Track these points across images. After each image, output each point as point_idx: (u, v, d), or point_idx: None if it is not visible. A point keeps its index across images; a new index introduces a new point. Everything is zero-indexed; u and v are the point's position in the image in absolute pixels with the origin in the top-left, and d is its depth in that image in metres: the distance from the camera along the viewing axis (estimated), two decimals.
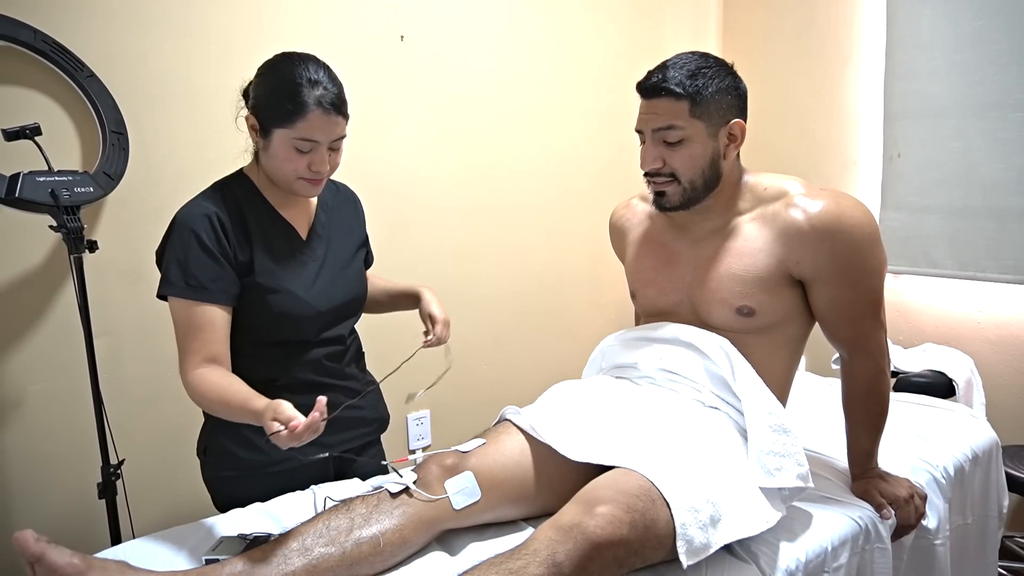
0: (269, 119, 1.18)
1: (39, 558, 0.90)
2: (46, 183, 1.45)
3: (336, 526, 1.05)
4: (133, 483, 1.58)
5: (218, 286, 1.19)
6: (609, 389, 1.33)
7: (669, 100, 1.20)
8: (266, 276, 1.23)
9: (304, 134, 1.16)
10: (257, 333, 1.26)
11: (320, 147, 1.18)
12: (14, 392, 1.62)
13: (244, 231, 1.23)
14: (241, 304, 1.24)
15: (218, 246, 1.19)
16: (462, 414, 2.34)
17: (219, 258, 1.19)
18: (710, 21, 2.91)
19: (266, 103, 1.18)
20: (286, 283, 1.25)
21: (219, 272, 1.19)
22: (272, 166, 1.22)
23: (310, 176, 1.20)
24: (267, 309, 1.23)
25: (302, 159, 1.18)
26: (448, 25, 2.21)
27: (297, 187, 1.22)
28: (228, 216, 1.22)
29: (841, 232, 1.19)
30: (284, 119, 1.16)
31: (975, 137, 2.15)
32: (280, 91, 1.16)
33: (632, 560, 0.98)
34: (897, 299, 2.41)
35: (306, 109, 1.15)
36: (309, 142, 1.17)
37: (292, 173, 1.20)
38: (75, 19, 1.61)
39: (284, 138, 1.17)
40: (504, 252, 2.43)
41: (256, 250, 1.23)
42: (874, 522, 1.22)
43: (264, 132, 1.19)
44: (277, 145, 1.18)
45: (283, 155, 1.18)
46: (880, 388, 1.28)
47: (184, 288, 1.18)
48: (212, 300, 1.18)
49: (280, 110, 1.16)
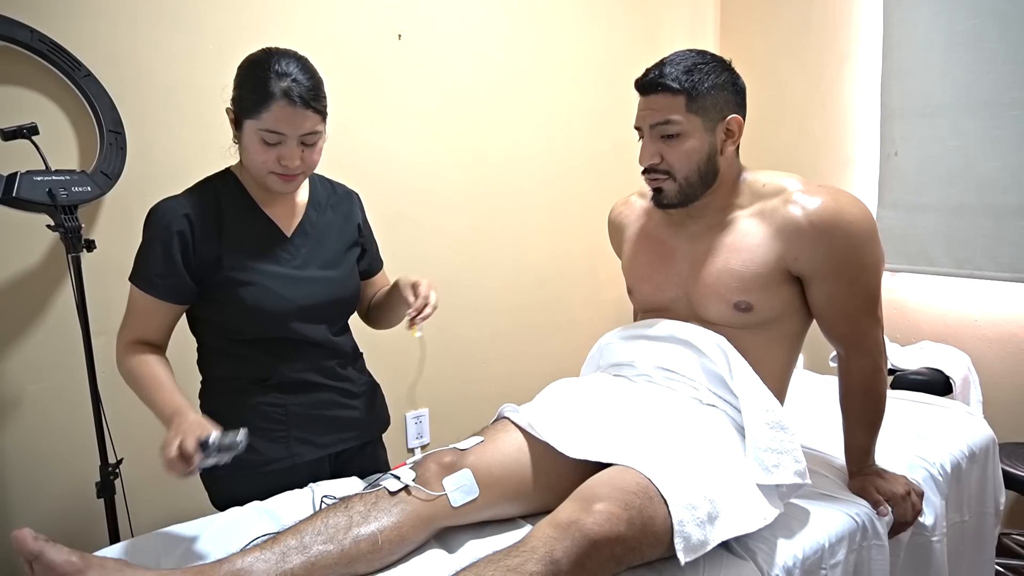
0: (241, 111, 1.19)
1: (37, 556, 0.90)
2: (44, 183, 1.45)
3: (335, 524, 1.05)
4: (131, 482, 1.58)
5: (165, 282, 1.22)
6: (607, 387, 1.33)
7: (666, 95, 1.21)
8: (237, 270, 1.24)
9: (269, 125, 1.16)
10: (238, 330, 1.27)
11: (288, 140, 1.18)
12: (13, 391, 1.62)
13: (217, 228, 1.24)
14: (215, 300, 1.25)
15: (180, 246, 1.21)
16: (460, 412, 2.34)
17: (176, 257, 1.21)
18: (708, 20, 2.92)
19: (238, 95, 1.20)
20: (260, 277, 1.25)
21: (171, 271, 1.21)
22: (246, 160, 1.23)
23: (280, 171, 1.20)
24: (241, 302, 1.24)
25: (270, 152, 1.18)
26: (446, 24, 2.21)
27: (270, 182, 1.22)
28: (202, 214, 1.23)
29: (839, 229, 1.19)
30: (251, 110, 1.16)
31: (971, 135, 2.16)
32: (249, 82, 1.18)
33: (630, 557, 0.98)
34: (894, 297, 2.42)
35: (271, 100, 1.14)
36: (275, 134, 1.17)
37: (262, 167, 1.20)
38: (72, 19, 1.61)
39: (252, 129, 1.18)
40: (502, 250, 2.44)
41: (227, 246, 1.24)
42: (871, 519, 1.22)
43: (237, 124, 1.21)
44: (247, 137, 1.19)
45: (252, 147, 1.19)
46: (877, 385, 1.29)
47: (138, 276, 1.24)
48: (157, 294, 1.23)
49: (248, 101, 1.17)
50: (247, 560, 0.99)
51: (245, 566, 0.98)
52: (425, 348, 2.27)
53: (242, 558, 0.99)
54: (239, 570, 0.98)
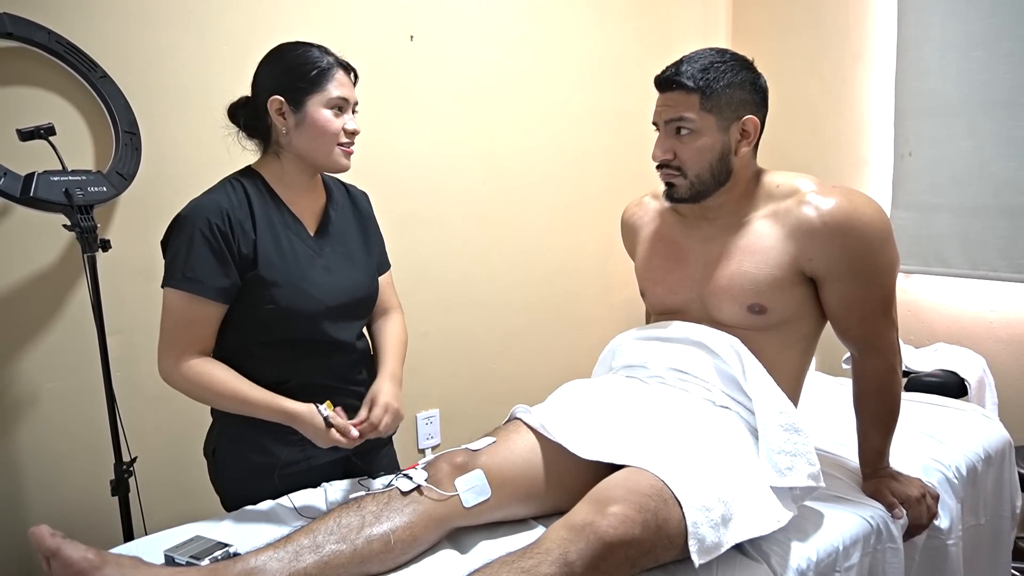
0: (298, 92, 1.22)
1: (55, 552, 0.91)
2: (60, 183, 1.47)
3: (347, 523, 1.05)
4: (145, 480, 1.59)
5: (214, 282, 1.20)
6: (620, 388, 1.32)
7: (681, 93, 1.22)
8: (269, 270, 1.24)
9: (337, 92, 1.23)
10: (264, 332, 1.26)
11: (348, 107, 1.26)
12: (29, 389, 1.63)
13: (251, 225, 1.24)
14: (245, 300, 1.24)
15: (223, 242, 1.20)
16: (471, 413, 2.34)
17: (222, 254, 1.20)
18: (719, 19, 2.91)
19: (289, 80, 1.23)
20: (290, 277, 1.25)
21: (218, 268, 1.20)
22: (309, 140, 1.24)
23: (347, 140, 1.26)
24: (272, 303, 1.23)
25: (338, 121, 1.24)
26: (457, 25, 2.22)
27: (336, 157, 1.26)
28: (237, 210, 1.23)
29: (853, 229, 1.18)
30: (314, 85, 1.22)
31: (987, 135, 2.14)
32: (299, 65, 1.23)
33: (644, 560, 0.98)
34: (909, 298, 2.40)
35: (331, 69, 1.23)
36: (342, 100, 1.24)
37: (333, 139, 1.24)
38: (89, 20, 1.62)
39: (318, 104, 1.22)
40: (514, 250, 2.44)
41: (261, 244, 1.24)
42: (886, 522, 1.22)
43: (296, 106, 1.23)
44: (313, 114, 1.22)
45: (322, 121, 1.23)
46: (891, 387, 1.28)
47: (181, 279, 1.20)
48: (207, 295, 1.20)
49: (307, 79, 1.22)
50: (260, 559, 0.99)
51: (259, 564, 0.98)
52: (436, 348, 2.27)
53: (255, 556, 1.00)
54: (252, 568, 0.98)
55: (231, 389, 1.21)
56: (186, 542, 1.09)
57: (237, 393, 1.21)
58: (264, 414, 1.22)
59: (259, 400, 1.21)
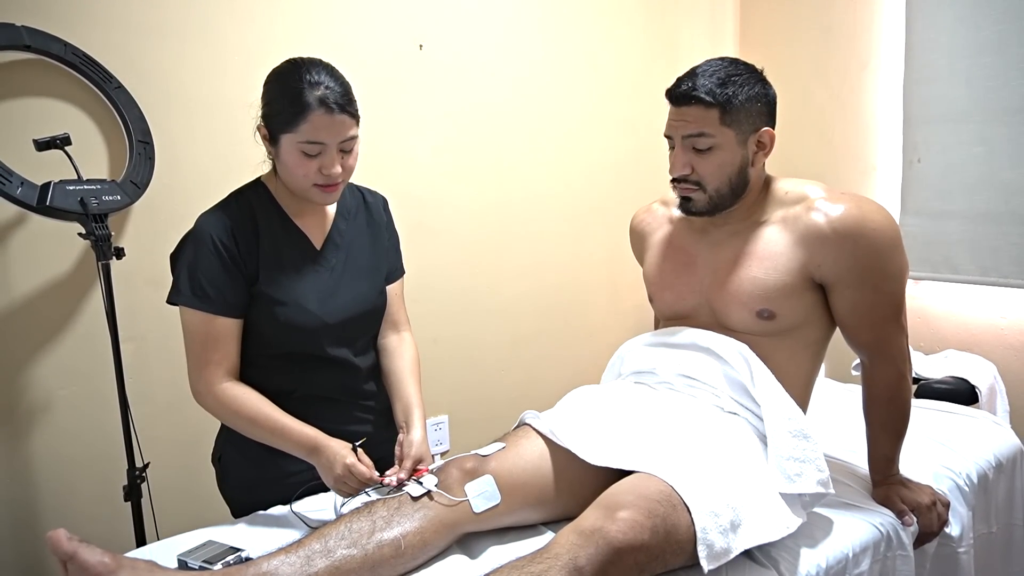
0: (276, 126, 1.17)
1: (71, 556, 0.92)
2: (76, 192, 1.49)
3: (358, 528, 1.06)
4: (157, 486, 1.60)
5: (224, 297, 1.20)
6: (629, 394, 1.33)
7: (699, 108, 1.20)
8: (272, 287, 1.23)
9: (309, 136, 1.14)
10: (267, 344, 1.27)
11: (328, 149, 1.16)
12: (43, 396, 1.65)
13: (256, 241, 1.24)
14: (249, 314, 1.24)
15: (230, 257, 1.20)
16: (481, 419, 2.35)
17: (231, 268, 1.20)
18: (727, 27, 2.91)
19: (271, 110, 1.18)
20: (293, 294, 1.24)
21: (228, 283, 1.20)
22: (285, 175, 1.22)
23: (323, 181, 1.18)
24: (273, 320, 1.24)
25: (312, 163, 1.16)
26: (466, 34, 2.24)
27: (312, 195, 1.21)
28: (242, 226, 1.23)
29: (863, 236, 1.18)
30: (288, 123, 1.15)
31: (997, 142, 2.13)
32: (282, 96, 1.16)
33: (653, 565, 0.98)
34: (918, 305, 2.39)
35: (308, 110, 1.13)
36: (316, 144, 1.15)
37: (304, 180, 1.18)
38: (104, 32, 1.65)
39: (291, 143, 1.16)
40: (523, 257, 2.44)
41: (264, 260, 1.23)
42: (896, 529, 1.21)
43: (273, 140, 1.19)
44: (285, 151, 1.17)
45: (292, 161, 1.17)
46: (901, 393, 1.28)
47: (190, 297, 1.19)
48: (219, 311, 1.20)
49: (283, 115, 1.15)
50: (272, 563, 1.00)
51: (270, 569, 0.99)
52: (445, 355, 2.28)
53: (267, 561, 1.01)
54: (264, 573, 0.99)
55: (251, 416, 1.21)
56: (199, 547, 1.10)
57: (258, 421, 1.21)
58: (292, 448, 1.21)
59: (279, 430, 1.20)
